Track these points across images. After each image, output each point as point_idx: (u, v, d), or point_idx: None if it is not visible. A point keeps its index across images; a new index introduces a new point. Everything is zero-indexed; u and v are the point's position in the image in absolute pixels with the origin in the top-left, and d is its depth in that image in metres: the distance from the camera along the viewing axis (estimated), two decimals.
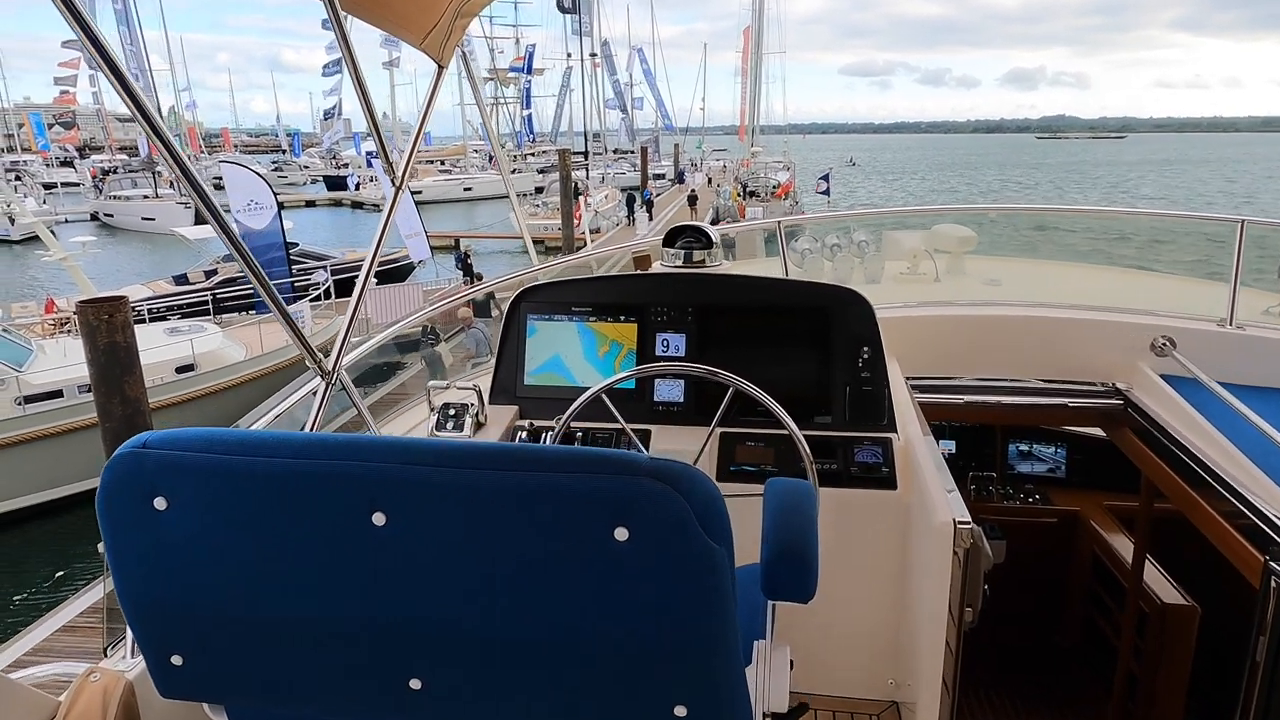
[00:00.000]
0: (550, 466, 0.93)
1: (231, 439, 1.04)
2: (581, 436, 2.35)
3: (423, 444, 0.99)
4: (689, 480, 0.94)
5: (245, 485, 1.01)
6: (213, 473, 1.02)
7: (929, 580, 1.93)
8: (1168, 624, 3.57)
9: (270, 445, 1.03)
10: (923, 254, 4.53)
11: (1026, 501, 4.66)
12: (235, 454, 1.02)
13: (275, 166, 65.26)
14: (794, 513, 1.35)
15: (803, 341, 2.39)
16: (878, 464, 2.23)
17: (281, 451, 1.01)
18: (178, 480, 1.02)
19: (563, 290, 2.54)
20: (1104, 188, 68.00)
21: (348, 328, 2.16)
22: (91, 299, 9.12)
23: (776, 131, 69.67)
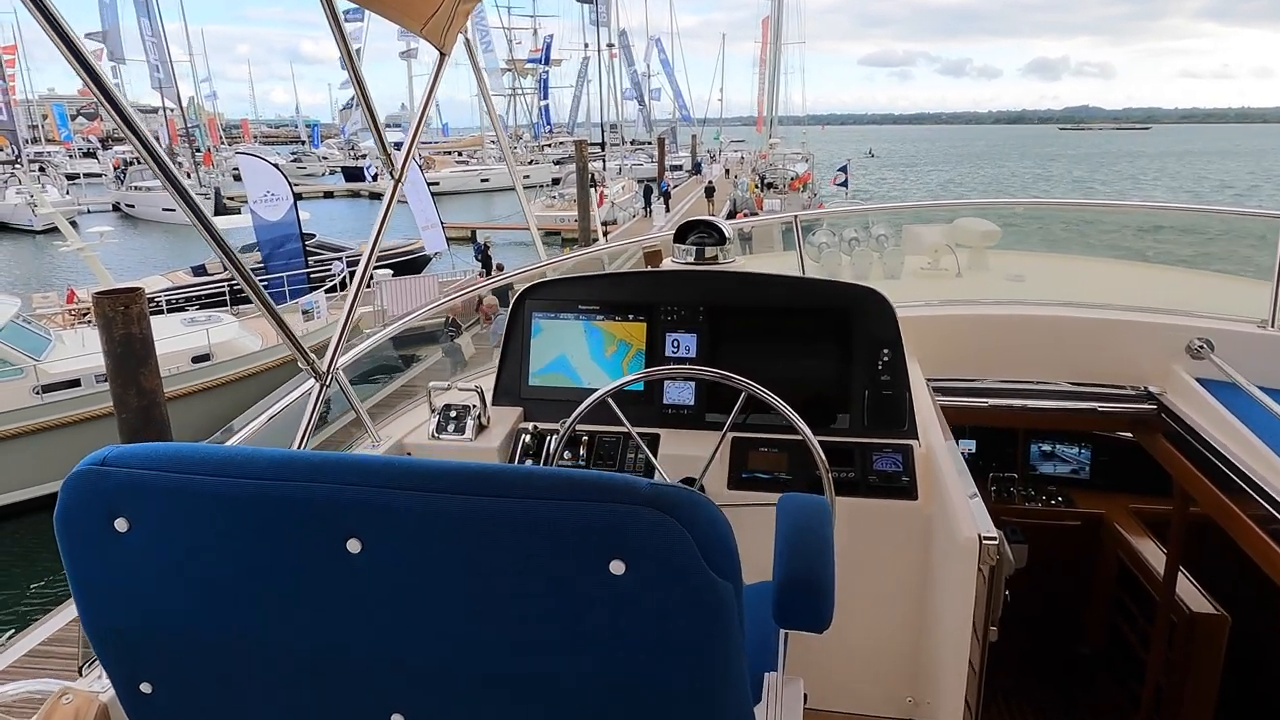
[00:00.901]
0: (540, 493, 0.86)
1: (198, 456, 0.97)
2: (587, 440, 2.27)
3: (402, 465, 0.92)
4: (691, 509, 0.86)
5: (212, 508, 0.94)
6: (177, 493, 0.95)
7: (951, 596, 1.84)
8: (1197, 633, 3.45)
9: (239, 464, 0.95)
10: (944, 249, 4.41)
11: (1049, 504, 4.54)
12: (201, 473, 0.95)
13: (294, 157, 65.61)
14: (808, 534, 1.27)
15: (820, 342, 2.29)
16: (897, 473, 2.13)
17: (250, 471, 0.94)
18: (140, 501, 0.95)
19: (569, 288, 2.45)
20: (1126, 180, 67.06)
21: (344, 327, 2.09)
22: (108, 290, 9.14)
23: (795, 123, 69.25)
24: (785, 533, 1.28)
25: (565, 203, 30.77)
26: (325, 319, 14.31)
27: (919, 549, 2.10)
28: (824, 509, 1.36)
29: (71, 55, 1.28)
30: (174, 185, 1.52)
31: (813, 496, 1.42)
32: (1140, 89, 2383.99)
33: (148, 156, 1.46)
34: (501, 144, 3.53)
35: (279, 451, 0.97)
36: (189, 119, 48.25)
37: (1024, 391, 3.07)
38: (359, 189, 50.28)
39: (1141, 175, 70.60)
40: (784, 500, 1.40)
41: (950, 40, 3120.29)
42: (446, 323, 12.29)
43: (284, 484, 0.92)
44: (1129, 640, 4.16)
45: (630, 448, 2.25)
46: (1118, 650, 4.29)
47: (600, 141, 54.16)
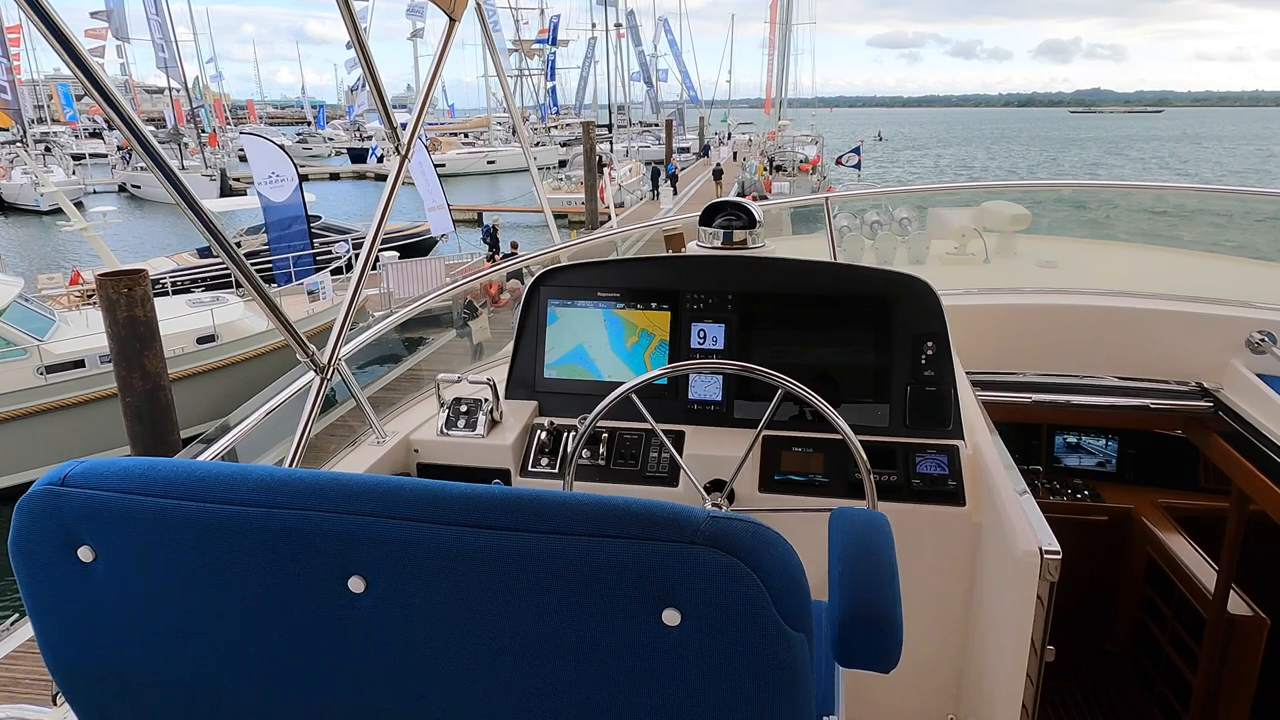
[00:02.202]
0: (577, 526, 0.72)
1: (173, 476, 0.83)
2: (607, 438, 2.12)
3: (414, 491, 0.78)
4: (760, 546, 0.72)
5: (190, 537, 0.81)
6: (150, 520, 0.81)
7: (1005, 612, 1.70)
8: (1235, 635, 3.32)
9: (222, 485, 0.81)
10: (971, 233, 4.23)
11: (1075, 498, 4.39)
12: (177, 496, 0.81)
13: (300, 138, 65.35)
14: (871, 559, 1.12)
15: (858, 334, 2.13)
16: (943, 476, 1.98)
17: (235, 494, 0.80)
18: (106, 527, 0.81)
19: (587, 273, 2.29)
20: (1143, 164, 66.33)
21: (345, 315, 1.94)
22: (111, 272, 9.03)
23: (804, 104, 68.67)
24: (844, 556, 1.14)
25: (572, 185, 30.55)
26: (331, 300, 14.19)
27: (966, 559, 1.95)
28: (885, 527, 1.22)
29: (52, 35, 1.18)
30: (162, 169, 1.38)
31: (870, 512, 1.27)
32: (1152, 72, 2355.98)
33: (131, 136, 1.33)
34: (514, 120, 3.37)
35: (268, 471, 0.83)
36: (194, 99, 47.98)
37: (1068, 386, 2.91)
38: (365, 170, 50.02)
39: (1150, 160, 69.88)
40: (838, 516, 1.26)
41: (961, 21, 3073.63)
42: (464, 304, 12.08)
43: (275, 511, 0.79)
44: (1157, 640, 4.03)
45: (654, 446, 2.10)
46: (1145, 650, 4.16)
47: (608, 123, 53.73)
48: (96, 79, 1.24)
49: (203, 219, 1.46)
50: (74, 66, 1.21)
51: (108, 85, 1.26)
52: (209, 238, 1.50)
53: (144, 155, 1.35)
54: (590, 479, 2.07)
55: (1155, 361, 2.96)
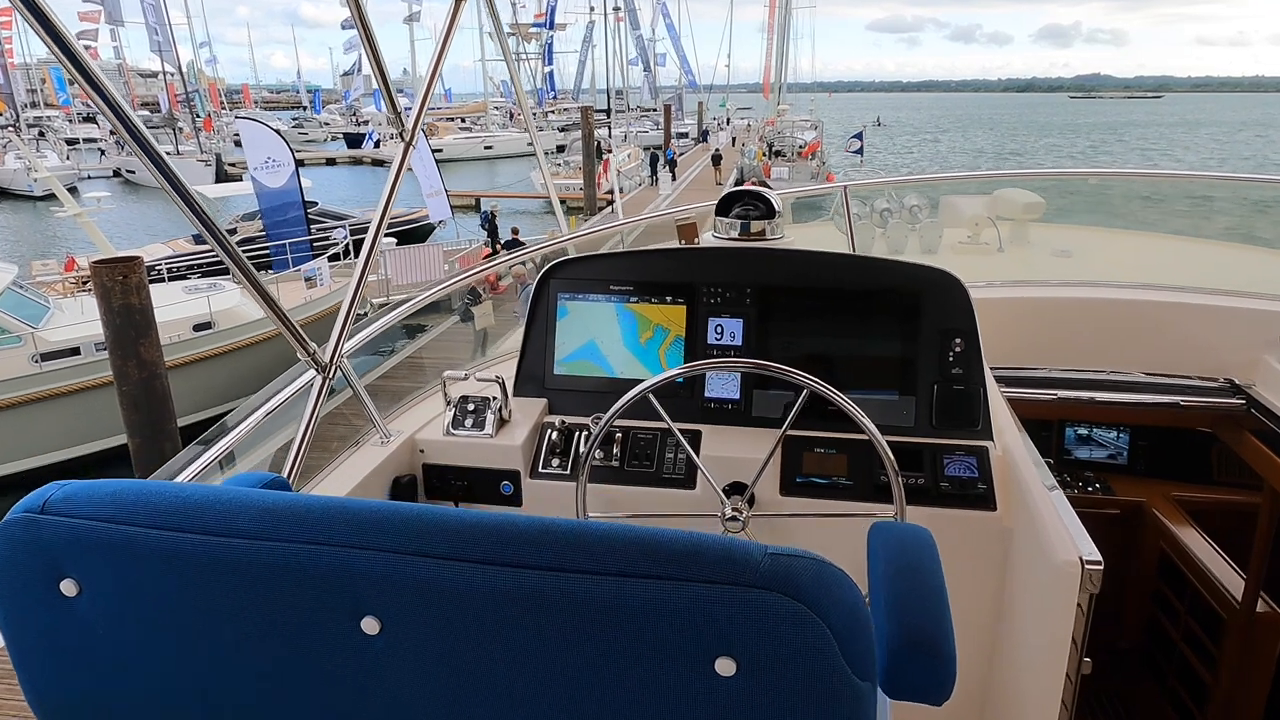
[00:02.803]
0: (618, 564, 0.64)
1: (164, 503, 0.74)
2: (620, 437, 2.04)
3: (434, 521, 0.69)
4: (826, 588, 0.64)
5: (184, 572, 0.72)
6: (140, 553, 0.73)
7: (1039, 622, 1.63)
8: (1252, 633, 3.26)
9: (218, 514, 0.73)
10: (985, 221, 4.14)
11: (1086, 491, 4.32)
12: (171, 527, 0.73)
13: (296, 123, 64.93)
14: (919, 578, 1.04)
15: (882, 330, 2.04)
16: (972, 478, 1.90)
17: (236, 525, 0.72)
18: (91, 559, 0.73)
19: (598, 265, 2.20)
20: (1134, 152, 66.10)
21: (347, 311, 1.86)
22: (105, 259, 8.92)
23: (803, 89, 68.31)
24: (890, 576, 1.06)
25: (570, 170, 30.35)
26: (328, 286, 14.07)
27: (996, 566, 1.87)
28: (930, 543, 1.14)
29: (35, 19, 1.10)
30: (151, 157, 1.30)
31: (913, 526, 1.20)
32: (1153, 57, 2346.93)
33: (118, 122, 1.24)
34: (522, 106, 3.27)
35: (272, 499, 0.75)
36: (188, 84, 47.59)
37: (1093, 383, 2.83)
38: (361, 155, 49.72)
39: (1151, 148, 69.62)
40: (878, 531, 1.18)
41: (960, 5, 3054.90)
42: (467, 290, 11.94)
43: (280, 545, 0.71)
44: (1170, 636, 3.97)
45: (669, 446, 2.02)
46: (1158, 646, 4.11)
47: (606, 108, 53.41)
48: (82, 63, 1.15)
49: (195, 210, 1.37)
50: (58, 51, 1.13)
51: (92, 69, 1.17)
52: (204, 231, 1.41)
53: (132, 143, 1.26)
54: (603, 480, 1.99)
55: (1183, 357, 2.87)
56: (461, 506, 2.11)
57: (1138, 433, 4.53)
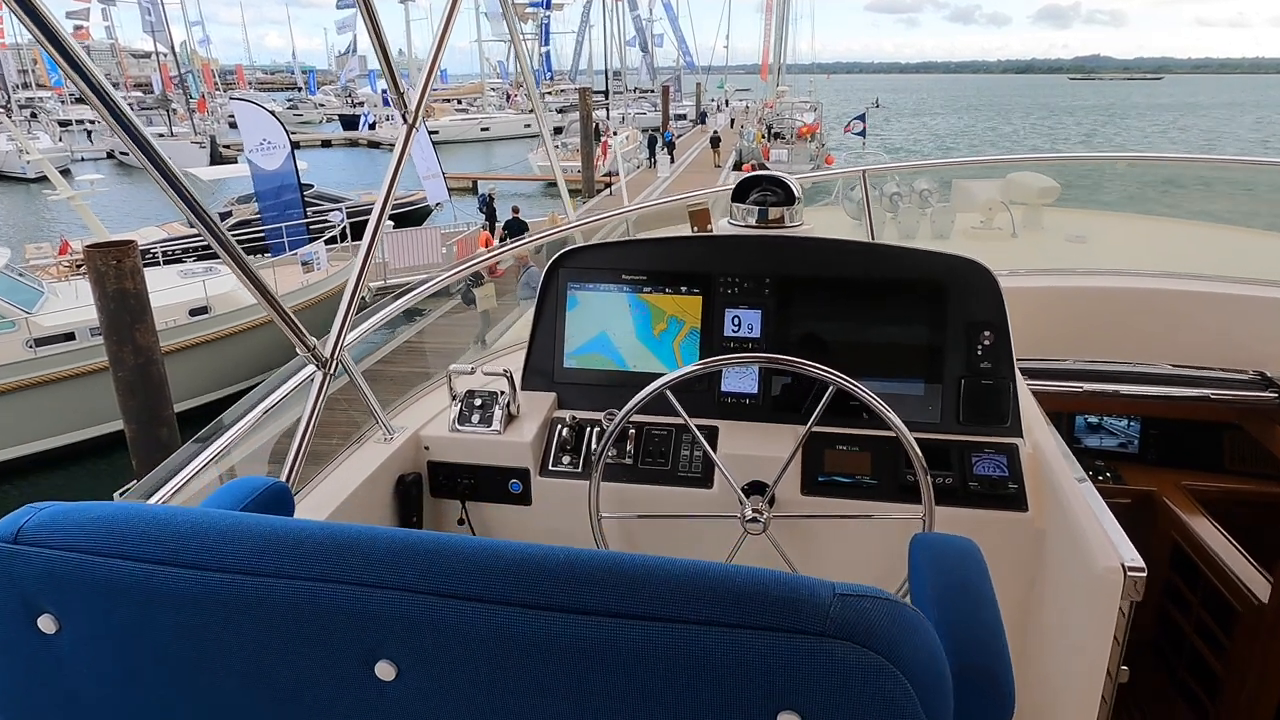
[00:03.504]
0: (666, 609, 0.57)
1: (150, 530, 0.66)
2: (634, 434, 1.96)
3: (454, 554, 0.62)
4: (903, 633, 0.56)
5: (175, 610, 0.64)
6: (125, 588, 0.65)
7: (1075, 631, 1.56)
8: (1265, 624, 3.20)
9: (215, 543, 0.65)
10: (999, 205, 4.05)
11: (1096, 480, 4.25)
12: (160, 560, 0.65)
13: (290, 105, 64.43)
14: (972, 599, 0.97)
15: (908, 323, 1.96)
16: (1002, 478, 1.82)
17: (232, 558, 0.64)
18: (72, 594, 0.66)
19: (610, 253, 2.11)
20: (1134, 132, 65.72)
21: (348, 304, 1.77)
22: (99, 243, 8.80)
23: (802, 70, 67.84)
24: (940, 598, 0.98)
25: (568, 152, 30.10)
26: (325, 270, 13.94)
27: (1026, 570, 1.80)
28: (979, 557, 1.07)
29: None
30: (135, 139, 1.20)
31: (958, 539, 1.12)
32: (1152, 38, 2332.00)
33: (99, 103, 1.15)
34: (528, 82, 3.16)
35: (273, 526, 0.67)
36: (181, 64, 47.10)
37: (1119, 375, 2.75)
38: (357, 138, 49.32)
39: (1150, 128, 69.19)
40: (921, 545, 1.10)
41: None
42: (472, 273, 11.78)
43: (281, 582, 0.63)
44: (1181, 628, 3.92)
45: (685, 443, 1.94)
46: (1168, 637, 4.06)
47: (604, 89, 52.99)
48: (62, 43, 1.07)
49: (184, 195, 1.28)
50: (36, 30, 1.04)
51: (73, 48, 1.09)
52: (193, 218, 1.32)
53: (115, 126, 1.17)
54: (616, 479, 1.91)
55: (1211, 347, 2.79)
56: (469, 505, 2.04)
57: (1149, 421, 4.46)
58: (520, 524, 2.00)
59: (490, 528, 2.04)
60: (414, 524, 1.93)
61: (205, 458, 1.55)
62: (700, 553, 1.94)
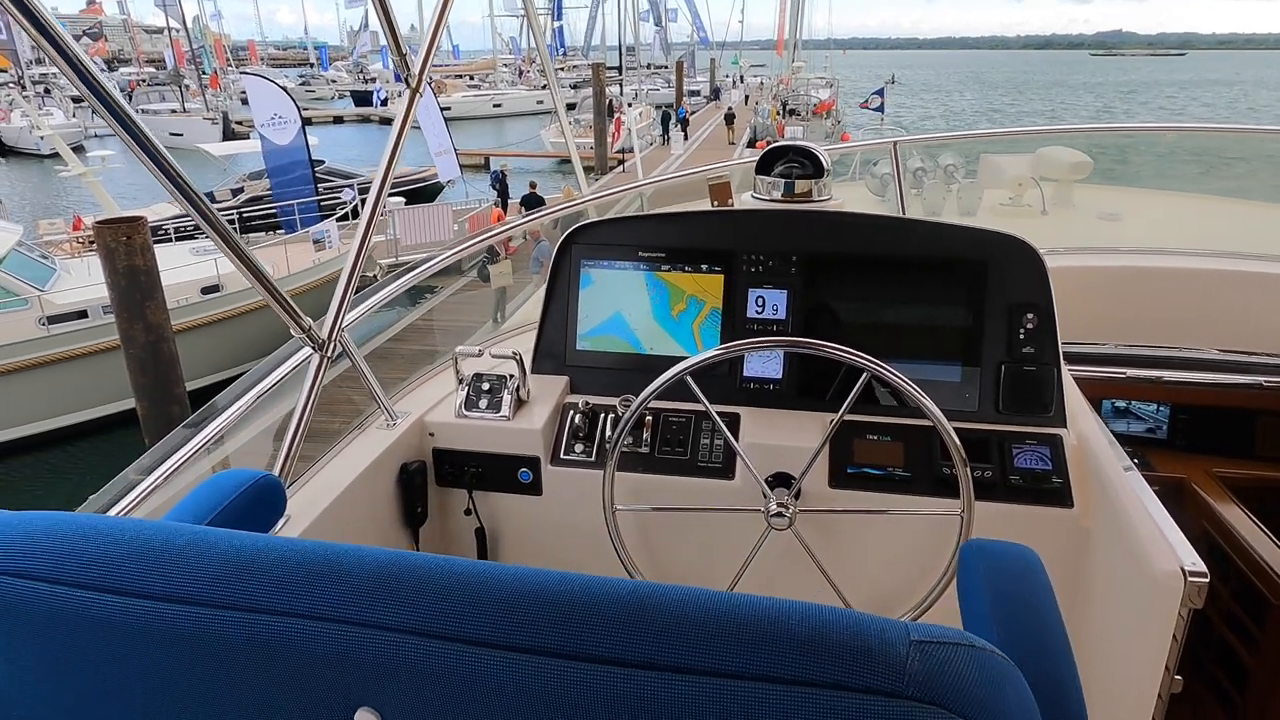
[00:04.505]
0: (701, 660, 0.49)
1: (94, 550, 0.56)
2: (651, 421, 1.85)
3: (447, 584, 0.52)
4: (993, 688, 0.49)
5: (129, 647, 0.55)
6: (67, 619, 0.55)
7: (1126, 638, 1.45)
8: None
9: (169, 569, 0.55)
10: (1028, 181, 3.89)
11: None
12: (105, 588, 0.55)
13: (302, 81, 64.13)
14: (1037, 617, 0.86)
15: (944, 304, 1.83)
16: (1046, 471, 1.71)
17: (189, 585, 0.55)
18: (6, 625, 0.56)
19: (626, 229, 1.99)
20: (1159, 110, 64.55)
21: (347, 282, 1.66)
22: (109, 219, 8.74)
23: (818, 46, 66.98)
24: (1000, 619, 0.87)
25: (581, 129, 29.84)
26: (338, 249, 13.85)
27: (1071, 570, 1.69)
28: (1039, 568, 0.96)
29: None
30: (121, 121, 1.11)
31: (1015, 546, 1.01)
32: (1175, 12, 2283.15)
33: (75, 76, 1.05)
34: (543, 56, 3.03)
35: (236, 544, 0.56)
36: (194, 40, 46.94)
37: (1163, 360, 2.61)
38: (369, 114, 49.07)
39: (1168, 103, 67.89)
40: (974, 553, 0.99)
41: None
42: (485, 249, 11.67)
43: (249, 617, 0.53)
44: (1210, 619, 3.81)
45: (705, 431, 1.83)
46: (1197, 628, 3.95)
47: (617, 65, 52.49)
48: (38, 18, 0.97)
49: (169, 173, 1.18)
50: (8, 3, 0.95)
51: (48, 21, 0.99)
52: (179, 196, 1.22)
53: (95, 102, 1.08)
54: (632, 468, 1.81)
55: (1262, 331, 2.65)
56: (476, 495, 1.94)
57: (1180, 406, 4.32)
58: (530, 515, 1.91)
59: (498, 519, 1.94)
60: (418, 514, 1.84)
61: (196, 442, 1.46)
62: (721, 549, 1.84)
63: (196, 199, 1.24)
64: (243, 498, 1.15)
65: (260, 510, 1.20)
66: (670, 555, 1.90)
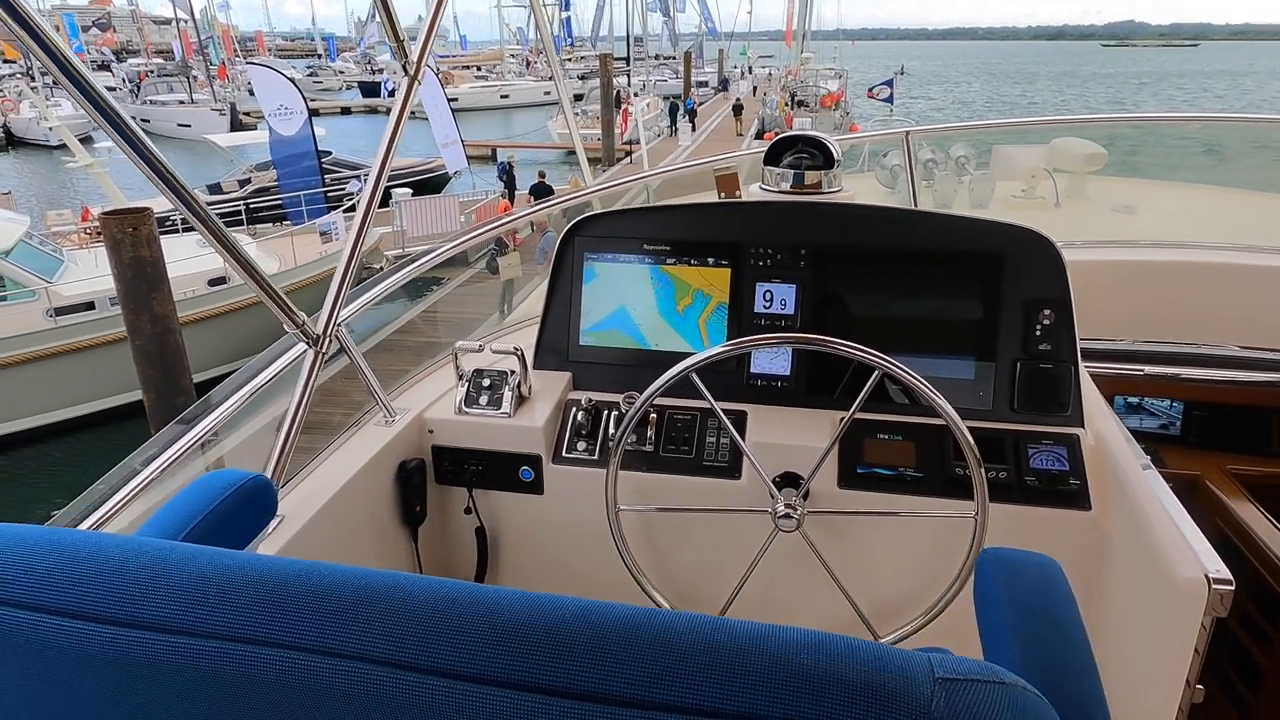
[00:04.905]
0: (696, 697, 0.46)
1: (46, 567, 0.53)
2: (655, 419, 1.81)
3: (431, 604, 0.48)
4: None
5: (80, 678, 0.51)
6: (24, 648, 0.51)
7: (1146, 646, 1.40)
8: None
9: (140, 591, 0.52)
10: (1042, 173, 3.82)
11: None
12: (67, 611, 0.51)
13: (310, 72, 64.09)
14: (1060, 633, 0.81)
15: (959, 299, 1.78)
16: (1063, 472, 1.66)
17: (163, 610, 0.51)
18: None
19: (631, 221, 1.94)
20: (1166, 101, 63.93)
21: (343, 275, 1.62)
22: (115, 210, 8.72)
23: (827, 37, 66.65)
24: (1022, 632, 0.82)
25: (588, 120, 29.72)
26: (344, 241, 13.82)
27: (1088, 575, 1.64)
28: (1062, 581, 0.91)
29: None
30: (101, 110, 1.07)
31: (1036, 556, 0.96)
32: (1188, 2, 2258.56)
33: (49, 60, 1.01)
34: (547, 46, 2.99)
35: (204, 563, 0.52)
36: (202, 31, 46.94)
37: (1183, 357, 2.55)
38: (376, 105, 48.97)
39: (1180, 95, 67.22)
40: (991, 562, 0.95)
41: None
42: (494, 240, 11.62)
43: (210, 645, 0.49)
44: (1224, 619, 3.75)
45: (710, 429, 1.79)
46: None
47: (625, 56, 52.29)
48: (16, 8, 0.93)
49: (150, 161, 1.14)
50: None
51: (26, 12, 0.95)
52: (163, 187, 1.18)
53: (74, 90, 1.04)
54: (635, 467, 1.77)
55: (1270, 326, 2.59)
56: (476, 493, 1.90)
57: (1194, 402, 4.25)
58: (531, 515, 1.87)
59: (499, 518, 1.90)
60: (417, 514, 1.80)
61: (189, 439, 1.43)
62: (726, 551, 1.80)
63: (183, 190, 1.20)
64: (231, 500, 1.11)
65: (250, 512, 1.16)
66: (674, 557, 1.85)
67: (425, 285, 11.51)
